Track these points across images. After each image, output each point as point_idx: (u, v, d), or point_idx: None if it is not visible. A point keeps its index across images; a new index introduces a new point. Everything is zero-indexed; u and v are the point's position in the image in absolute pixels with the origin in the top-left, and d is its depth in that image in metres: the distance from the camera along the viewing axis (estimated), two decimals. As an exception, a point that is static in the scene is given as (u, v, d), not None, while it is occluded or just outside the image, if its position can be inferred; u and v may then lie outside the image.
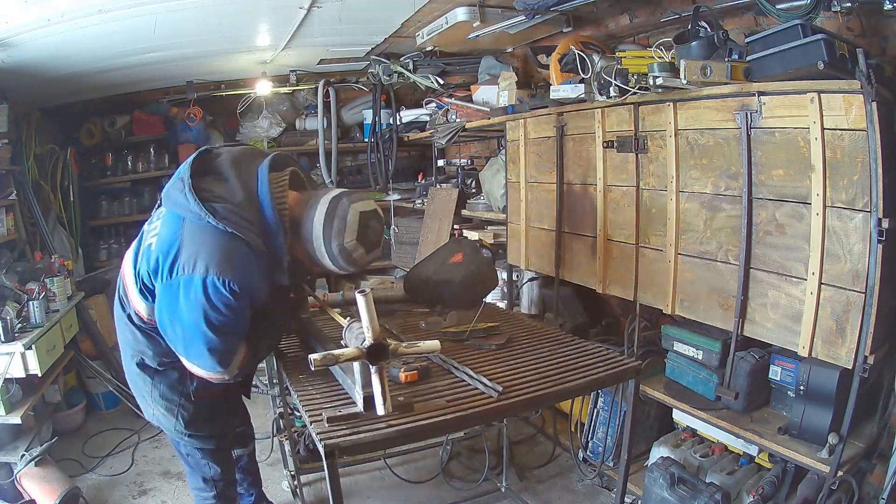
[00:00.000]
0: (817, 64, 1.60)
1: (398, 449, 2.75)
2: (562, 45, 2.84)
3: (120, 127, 4.48)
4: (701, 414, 2.15)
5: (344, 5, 2.80)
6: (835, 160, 1.68)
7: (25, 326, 2.71)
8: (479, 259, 2.54)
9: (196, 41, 3.27)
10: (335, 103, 4.72)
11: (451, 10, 2.94)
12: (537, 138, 2.97)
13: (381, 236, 1.63)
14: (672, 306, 2.26)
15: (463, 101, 3.80)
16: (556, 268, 2.88)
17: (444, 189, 4.14)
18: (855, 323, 1.66)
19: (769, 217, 1.89)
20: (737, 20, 2.35)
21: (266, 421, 3.35)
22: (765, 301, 1.92)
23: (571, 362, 1.77)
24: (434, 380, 1.67)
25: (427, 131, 4.09)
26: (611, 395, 2.59)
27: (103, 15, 2.43)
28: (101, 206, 4.53)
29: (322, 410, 1.47)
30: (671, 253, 2.23)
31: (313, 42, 3.54)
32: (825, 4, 1.80)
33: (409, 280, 2.61)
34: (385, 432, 1.37)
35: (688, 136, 2.14)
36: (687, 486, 2.11)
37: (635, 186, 2.39)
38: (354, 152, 5.10)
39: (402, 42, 3.72)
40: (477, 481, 2.75)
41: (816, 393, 1.85)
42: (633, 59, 2.29)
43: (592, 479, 2.69)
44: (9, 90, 3.40)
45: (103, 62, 3.30)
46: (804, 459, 1.82)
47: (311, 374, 1.75)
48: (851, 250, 1.66)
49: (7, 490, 2.58)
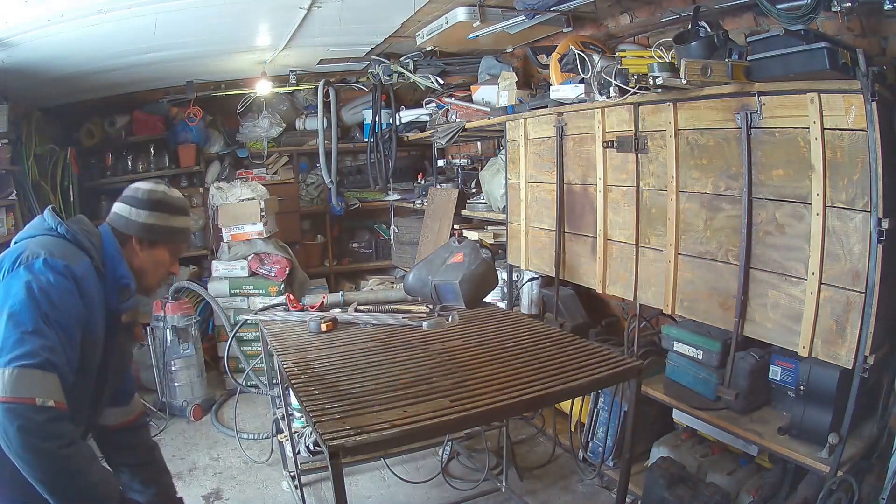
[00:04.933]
0: (819, 71, 1.61)
1: (398, 449, 2.75)
2: (562, 45, 2.84)
3: (120, 127, 4.49)
4: (701, 414, 2.15)
5: (344, 5, 2.81)
6: (835, 160, 1.69)
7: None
8: (479, 259, 2.54)
9: (196, 41, 3.28)
10: (335, 103, 4.72)
11: (451, 10, 2.94)
12: (537, 138, 2.97)
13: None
14: (672, 306, 2.26)
15: (463, 101, 3.80)
16: (556, 268, 2.88)
17: (444, 189, 4.14)
18: (855, 323, 1.66)
19: (769, 217, 1.89)
20: (737, 20, 2.35)
21: (266, 421, 3.36)
22: (765, 301, 1.92)
23: (572, 362, 1.78)
24: (436, 380, 1.67)
25: (427, 131, 4.09)
26: (611, 395, 2.59)
27: (103, 15, 2.43)
28: (101, 206, 4.51)
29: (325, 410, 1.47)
30: (671, 253, 2.24)
31: (313, 42, 3.55)
32: (825, 4, 1.80)
33: (408, 280, 2.62)
34: (389, 432, 1.38)
35: (688, 136, 2.14)
36: (687, 486, 2.11)
37: (635, 186, 2.39)
38: (354, 152, 5.11)
39: (402, 42, 3.72)
40: (477, 481, 2.75)
41: (816, 393, 1.85)
42: (633, 59, 2.29)
43: (592, 479, 2.70)
44: (9, 90, 3.40)
45: (103, 62, 3.30)
46: (804, 459, 1.82)
47: (313, 375, 1.76)
48: (851, 250, 1.66)
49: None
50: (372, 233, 5.35)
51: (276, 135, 4.81)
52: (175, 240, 1.61)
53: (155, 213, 1.54)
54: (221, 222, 3.98)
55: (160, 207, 1.55)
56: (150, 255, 1.56)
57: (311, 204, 5.07)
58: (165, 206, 1.56)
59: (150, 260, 1.56)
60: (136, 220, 1.52)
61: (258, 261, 3.96)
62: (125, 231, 1.53)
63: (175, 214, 1.59)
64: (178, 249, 1.64)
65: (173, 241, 1.60)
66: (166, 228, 1.56)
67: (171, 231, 1.58)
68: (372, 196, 5.03)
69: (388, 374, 1.75)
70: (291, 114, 4.91)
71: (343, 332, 2.22)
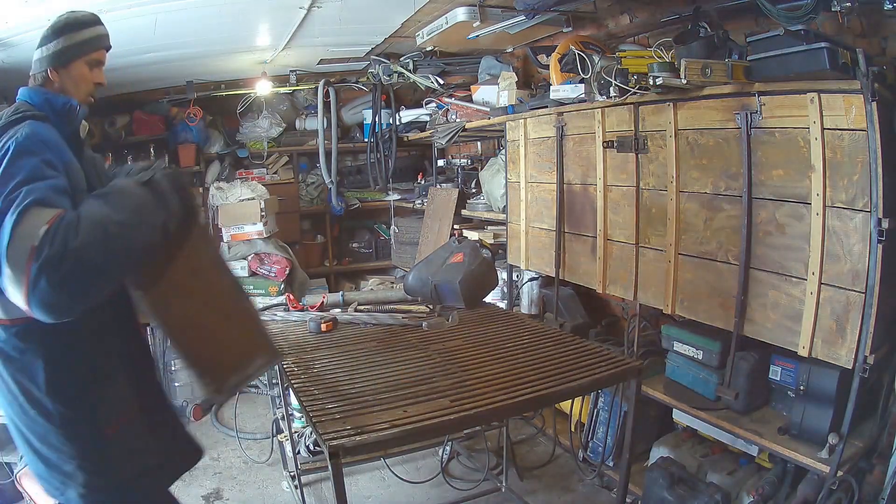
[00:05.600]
0: (819, 71, 1.61)
1: (398, 449, 2.75)
2: (562, 45, 2.84)
3: (120, 127, 4.48)
4: (701, 414, 2.15)
5: (344, 5, 2.80)
6: (835, 160, 1.69)
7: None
8: (479, 259, 2.54)
9: (196, 41, 3.27)
10: (335, 103, 4.72)
11: (451, 10, 2.94)
12: (537, 138, 2.97)
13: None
14: (672, 306, 2.26)
15: (463, 101, 3.80)
16: (556, 268, 2.88)
17: (444, 189, 4.14)
18: (855, 323, 1.66)
19: (769, 217, 1.89)
20: (737, 20, 2.35)
21: (266, 421, 3.36)
22: (765, 301, 1.92)
23: (572, 362, 1.78)
24: (436, 380, 1.67)
25: (427, 131, 4.09)
26: (611, 395, 2.59)
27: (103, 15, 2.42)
28: (100, 206, 4.53)
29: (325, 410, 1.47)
30: (671, 253, 2.24)
31: (313, 42, 3.54)
32: (825, 4, 1.80)
33: (408, 280, 2.61)
34: (389, 433, 1.38)
35: (688, 136, 2.14)
36: (687, 486, 2.11)
37: (635, 186, 2.39)
38: (354, 152, 5.10)
39: (402, 42, 3.72)
40: (477, 481, 2.75)
41: (816, 393, 1.85)
42: (633, 59, 2.29)
43: (592, 479, 2.70)
44: (9, 90, 3.39)
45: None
46: (804, 459, 1.82)
47: (313, 375, 1.76)
48: (851, 250, 1.66)
49: (7, 490, 2.58)
50: (372, 233, 5.35)
51: (276, 135, 4.81)
52: (85, 51, 1.49)
53: (61, 37, 1.45)
54: (221, 222, 3.98)
55: (64, 30, 1.46)
56: (67, 76, 1.47)
57: (311, 204, 5.06)
58: (69, 26, 1.47)
59: (69, 80, 1.47)
60: (46, 54, 1.45)
61: (258, 261, 3.96)
62: (40, 71, 1.46)
63: (81, 29, 1.48)
64: (93, 59, 1.52)
65: (83, 53, 1.48)
66: (73, 45, 1.46)
67: (80, 45, 1.47)
68: (372, 196, 5.03)
69: (387, 374, 1.75)
70: (291, 114, 4.91)
71: (343, 332, 2.22)
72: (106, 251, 1.17)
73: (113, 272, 1.21)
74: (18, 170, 1.21)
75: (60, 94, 1.45)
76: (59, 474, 1.36)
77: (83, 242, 1.13)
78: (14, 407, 1.36)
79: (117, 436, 1.39)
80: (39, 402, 1.33)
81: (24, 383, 1.33)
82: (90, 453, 1.37)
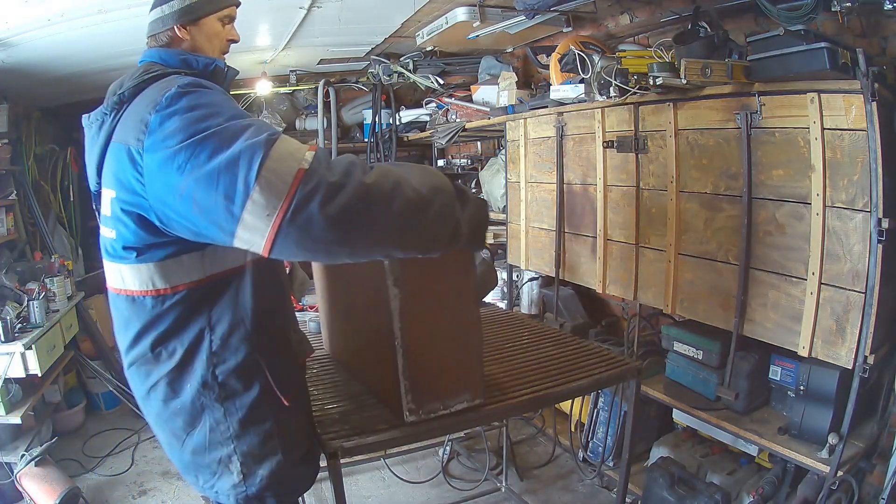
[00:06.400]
0: (819, 71, 1.61)
1: (398, 449, 2.75)
2: (562, 45, 2.84)
3: (120, 127, 4.48)
4: (701, 414, 2.15)
5: (344, 5, 2.80)
6: (835, 160, 1.69)
7: (25, 326, 2.71)
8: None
9: (196, 41, 3.27)
10: (335, 103, 4.72)
11: (451, 10, 2.94)
12: (537, 138, 2.97)
13: None
14: (672, 306, 2.26)
15: (463, 101, 3.80)
16: (556, 268, 2.88)
17: (444, 189, 4.13)
18: (855, 323, 1.66)
19: (769, 217, 1.89)
20: (737, 20, 2.35)
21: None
22: (765, 301, 1.92)
23: (572, 362, 1.77)
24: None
25: (427, 131, 4.09)
26: (611, 395, 2.59)
27: (103, 15, 2.43)
28: (101, 206, 4.52)
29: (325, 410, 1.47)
30: (671, 253, 2.24)
31: (313, 42, 3.54)
32: (825, 4, 1.80)
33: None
34: (388, 433, 1.38)
35: (688, 136, 2.14)
36: (687, 486, 2.11)
37: (635, 186, 2.39)
38: (354, 152, 4.96)
39: (402, 42, 3.72)
40: (477, 481, 2.75)
41: (816, 393, 1.85)
42: (633, 59, 2.28)
43: (592, 479, 2.70)
44: (9, 90, 3.40)
45: (103, 62, 3.29)
46: (804, 459, 1.82)
47: (312, 375, 1.76)
48: (851, 250, 1.66)
49: (7, 490, 2.58)
50: (372, 233, 5.34)
51: (276, 135, 4.81)
52: (217, 6, 1.34)
53: None
54: (221, 222, 3.97)
55: None
56: (199, 33, 1.32)
57: (312, 204, 5.06)
58: None
59: (202, 37, 1.32)
60: (170, 11, 1.27)
61: (258, 261, 3.95)
62: (164, 30, 1.29)
63: None
64: (226, 15, 1.37)
65: (217, 9, 1.34)
66: (205, 0, 1.30)
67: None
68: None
69: (387, 374, 1.74)
70: (291, 114, 4.91)
71: (343, 332, 2.22)
72: (393, 204, 0.99)
73: (392, 233, 1.02)
74: (222, 108, 1.03)
75: (200, 54, 1.29)
76: (214, 463, 1.22)
77: (375, 182, 0.97)
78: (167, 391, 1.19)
79: (292, 408, 1.25)
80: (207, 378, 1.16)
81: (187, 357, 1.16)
82: (268, 422, 1.21)
